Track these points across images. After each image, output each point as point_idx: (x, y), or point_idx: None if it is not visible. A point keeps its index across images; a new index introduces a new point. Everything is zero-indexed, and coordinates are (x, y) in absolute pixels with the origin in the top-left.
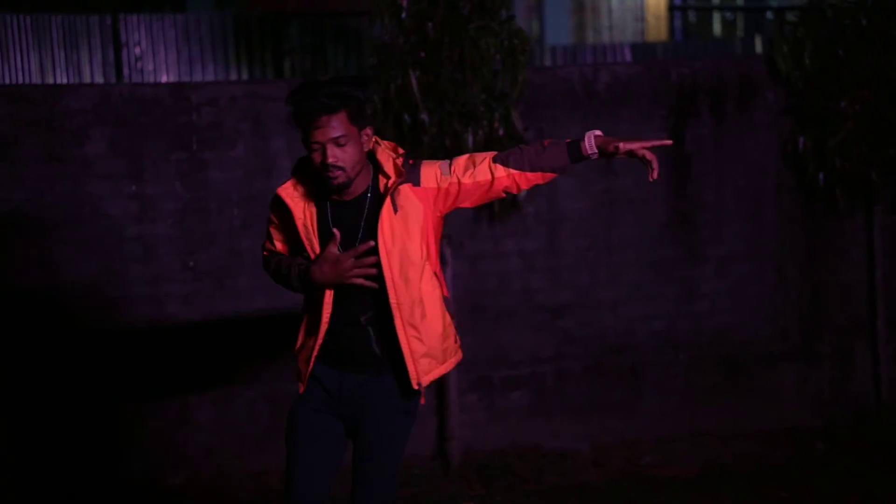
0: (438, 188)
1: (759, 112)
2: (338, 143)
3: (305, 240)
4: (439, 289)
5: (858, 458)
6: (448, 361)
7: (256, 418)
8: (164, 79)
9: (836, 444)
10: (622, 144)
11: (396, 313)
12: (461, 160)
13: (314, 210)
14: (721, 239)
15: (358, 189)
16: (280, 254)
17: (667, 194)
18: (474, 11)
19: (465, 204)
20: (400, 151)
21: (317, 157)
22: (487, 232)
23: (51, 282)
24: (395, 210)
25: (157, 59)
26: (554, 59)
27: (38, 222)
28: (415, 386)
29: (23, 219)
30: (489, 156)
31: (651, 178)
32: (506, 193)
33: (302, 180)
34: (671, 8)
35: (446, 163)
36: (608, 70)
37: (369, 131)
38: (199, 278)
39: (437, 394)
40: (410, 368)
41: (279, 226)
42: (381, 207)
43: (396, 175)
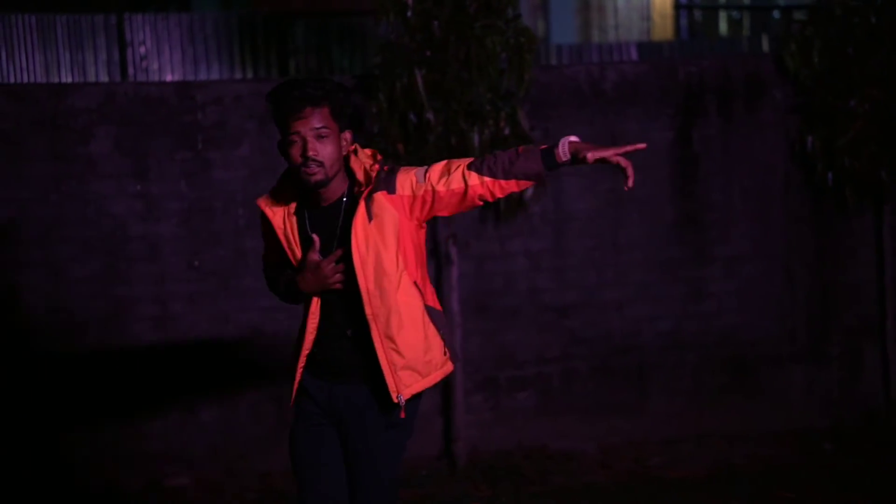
0: (413, 196)
1: (767, 111)
2: (319, 136)
3: (287, 249)
4: (419, 299)
5: (867, 460)
6: (432, 375)
7: (262, 419)
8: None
9: (845, 445)
10: (590, 154)
11: (373, 324)
12: (437, 167)
13: (294, 219)
14: (728, 239)
15: (334, 195)
16: (276, 266)
17: (674, 194)
18: (480, 10)
19: (443, 212)
20: (378, 158)
21: (295, 151)
22: (493, 232)
23: (55, 281)
24: (370, 218)
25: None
26: (560, 59)
27: (43, 221)
28: (394, 399)
29: (28, 218)
30: (464, 163)
31: (626, 187)
32: (482, 201)
33: (282, 190)
34: (677, 7)
35: (422, 170)
36: (615, 69)
37: (348, 136)
38: (204, 278)
39: (443, 394)
40: (389, 381)
41: (266, 236)
42: (355, 215)
43: (368, 182)
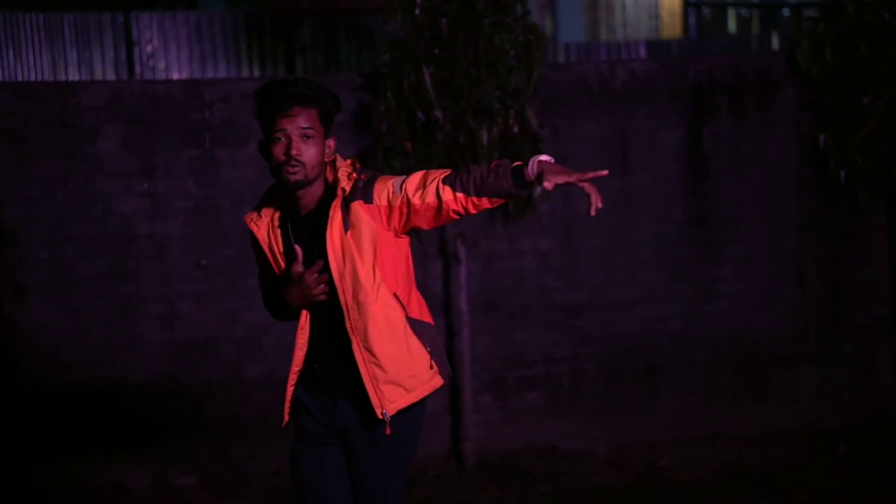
0: (390, 206)
1: (779, 109)
2: (304, 136)
3: (274, 264)
4: (401, 311)
5: (880, 461)
6: (418, 390)
7: (269, 418)
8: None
9: (857, 446)
10: (547, 182)
11: (353, 337)
12: (415, 178)
13: (278, 232)
14: (739, 238)
15: (313, 202)
16: (271, 287)
17: (684, 193)
18: (489, 7)
19: (422, 225)
20: (357, 167)
21: (279, 149)
22: (502, 231)
23: (62, 279)
24: (346, 228)
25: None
26: (568, 57)
27: (50, 220)
28: (379, 415)
29: (35, 217)
30: (440, 176)
31: (591, 213)
32: (457, 216)
33: (266, 204)
34: (686, 5)
35: (399, 180)
36: (624, 67)
37: (332, 143)
38: (212, 277)
39: (452, 394)
40: (372, 396)
41: (256, 255)
42: (331, 226)
43: (343, 192)
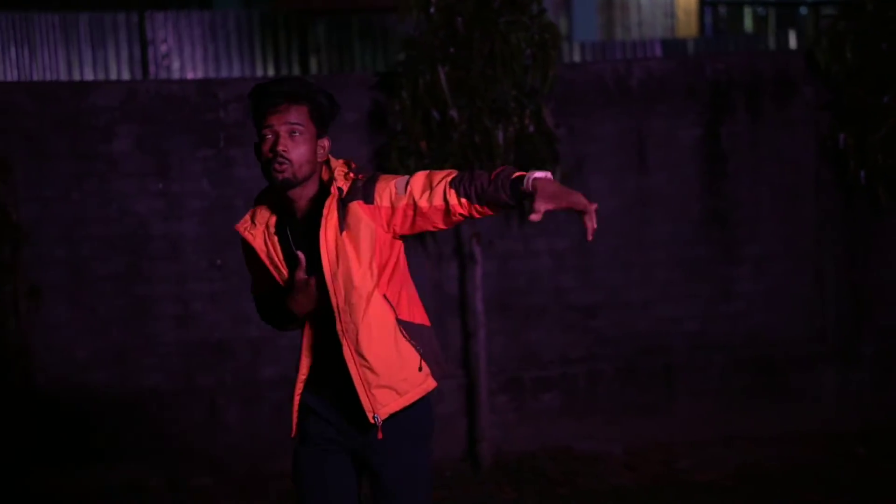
0: (392, 207)
1: (797, 108)
2: (292, 132)
3: (274, 271)
4: (391, 313)
5: None
6: (410, 392)
7: (285, 419)
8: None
9: (877, 449)
10: (536, 214)
11: (343, 340)
12: (419, 179)
13: (276, 238)
14: (757, 238)
15: (307, 204)
16: (267, 297)
17: (701, 192)
18: (504, 6)
19: (428, 227)
20: (353, 166)
21: (266, 146)
22: (518, 230)
23: (78, 279)
24: (342, 228)
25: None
26: (583, 56)
27: (66, 220)
28: (371, 419)
29: (50, 216)
30: (447, 179)
31: (588, 238)
32: (463, 219)
33: (259, 211)
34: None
35: (403, 180)
36: (641, 66)
37: (326, 143)
38: (227, 277)
39: (468, 395)
40: (363, 400)
41: (250, 265)
42: (324, 225)
43: (339, 191)
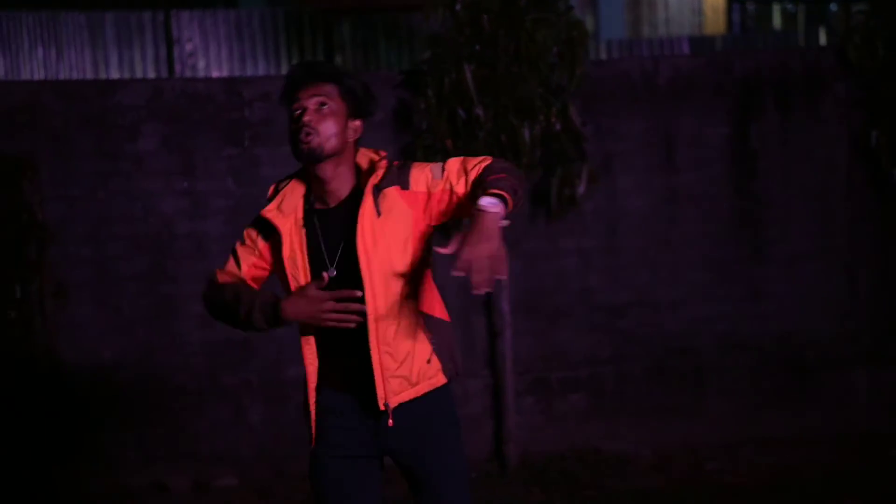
0: (429, 193)
1: (828, 105)
2: (320, 105)
3: (289, 264)
4: (415, 302)
5: None
6: (421, 384)
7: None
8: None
9: None
10: (456, 241)
11: (372, 326)
12: (454, 165)
13: (303, 233)
14: (787, 237)
15: (342, 192)
16: (229, 286)
17: (730, 191)
18: (531, 3)
19: (464, 213)
20: (382, 154)
21: (294, 122)
22: (544, 230)
23: (103, 278)
24: (378, 213)
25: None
26: (609, 54)
27: (92, 219)
28: (381, 406)
29: (76, 215)
30: (480, 165)
31: (473, 291)
32: None
33: (288, 199)
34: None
35: (439, 166)
36: (669, 63)
37: (358, 125)
38: None
39: (494, 395)
40: (378, 386)
41: (257, 250)
42: (361, 210)
43: (375, 175)
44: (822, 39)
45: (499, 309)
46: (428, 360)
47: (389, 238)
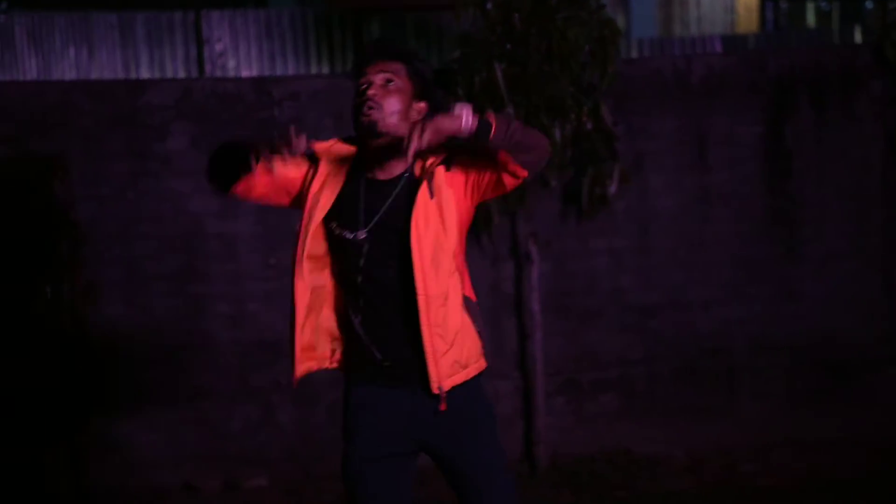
0: (467, 174)
1: (864, 104)
2: (387, 81)
3: (312, 200)
4: (460, 284)
5: None
6: (470, 367)
7: (339, 420)
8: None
9: None
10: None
11: (423, 307)
12: None
13: (341, 184)
14: (822, 237)
15: (396, 170)
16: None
17: (763, 190)
18: (562, 1)
19: (501, 190)
20: None
21: (359, 97)
22: (575, 229)
23: (133, 278)
24: (432, 195)
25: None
26: (641, 52)
27: (122, 219)
28: (434, 390)
29: (106, 215)
30: None
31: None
32: (517, 178)
33: (339, 147)
34: None
35: None
36: (701, 61)
37: (422, 106)
38: (281, 276)
39: (524, 396)
40: (431, 370)
41: (287, 169)
42: (417, 191)
43: (429, 158)
44: (857, 37)
45: (529, 310)
46: (480, 345)
47: (439, 219)
